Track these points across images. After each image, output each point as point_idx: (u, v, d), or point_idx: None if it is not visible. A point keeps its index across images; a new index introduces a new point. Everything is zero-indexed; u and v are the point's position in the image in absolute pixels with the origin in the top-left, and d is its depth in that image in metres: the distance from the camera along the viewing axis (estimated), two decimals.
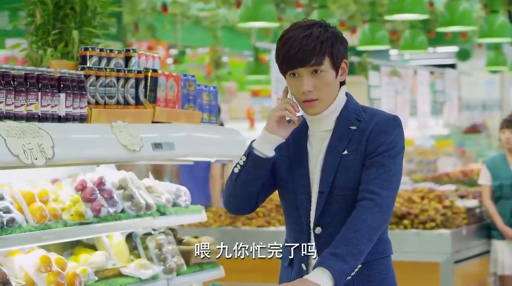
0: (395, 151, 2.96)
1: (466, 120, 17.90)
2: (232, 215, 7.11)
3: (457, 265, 6.63)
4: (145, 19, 11.27)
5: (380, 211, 2.89)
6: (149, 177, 4.65)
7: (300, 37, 2.93)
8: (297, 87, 2.97)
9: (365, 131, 2.98)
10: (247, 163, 3.01)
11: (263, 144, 3.00)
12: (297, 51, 2.92)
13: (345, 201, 2.96)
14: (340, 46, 2.97)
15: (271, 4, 7.16)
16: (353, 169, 2.96)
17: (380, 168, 2.93)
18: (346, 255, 2.82)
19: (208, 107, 4.61)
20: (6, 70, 3.47)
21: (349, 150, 2.98)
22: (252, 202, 3.10)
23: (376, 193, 2.90)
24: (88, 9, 4.37)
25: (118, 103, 4.01)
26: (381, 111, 3.07)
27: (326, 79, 2.96)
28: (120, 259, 4.28)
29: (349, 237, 2.85)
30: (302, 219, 3.02)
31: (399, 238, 6.52)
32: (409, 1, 7.19)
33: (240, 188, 3.04)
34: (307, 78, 2.95)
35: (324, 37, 2.93)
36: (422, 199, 7.24)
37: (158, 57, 4.39)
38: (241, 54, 14.57)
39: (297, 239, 3.04)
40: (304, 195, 3.02)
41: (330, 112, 3.01)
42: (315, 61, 2.92)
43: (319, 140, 3.04)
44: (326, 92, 2.97)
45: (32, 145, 3.42)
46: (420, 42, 9.55)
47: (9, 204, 3.68)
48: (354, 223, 2.88)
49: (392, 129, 2.98)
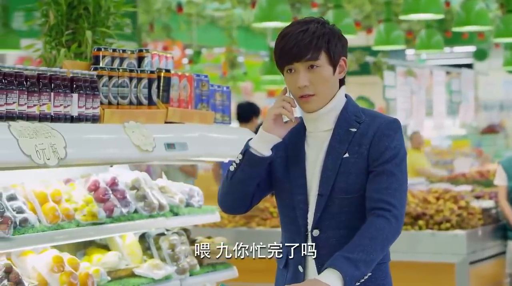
0: (400, 157, 2.95)
1: (484, 120, 17.82)
2: (246, 215, 7.14)
3: (472, 266, 6.58)
4: (160, 19, 11.27)
5: (397, 222, 2.88)
6: (162, 177, 4.65)
7: (297, 32, 2.91)
8: (293, 83, 2.95)
9: (366, 134, 2.95)
10: (243, 161, 2.98)
11: (259, 142, 2.97)
12: (293, 46, 2.90)
13: (345, 204, 2.94)
14: (337, 42, 2.95)
15: (285, 4, 7.14)
16: (354, 172, 2.94)
17: (390, 177, 2.91)
18: (359, 261, 2.80)
19: (221, 108, 4.61)
20: (19, 71, 3.48)
21: (350, 152, 2.95)
22: (247, 202, 3.06)
23: (392, 204, 2.88)
24: (102, 9, 4.37)
25: (131, 103, 4.01)
26: (381, 114, 3.05)
27: (323, 75, 2.93)
28: (133, 260, 4.28)
29: (364, 244, 2.83)
30: (299, 220, 2.98)
31: (414, 239, 6.48)
32: (424, 0, 7.15)
33: (235, 187, 3.01)
34: (303, 73, 2.92)
35: (320, 32, 2.92)
36: (438, 199, 7.20)
37: (171, 57, 4.38)
38: (257, 54, 14.55)
39: (293, 240, 3.00)
40: (301, 196, 2.99)
41: (327, 111, 2.98)
42: (311, 56, 2.90)
43: (317, 141, 3.01)
44: (322, 88, 2.94)
45: (44, 145, 3.42)
46: (436, 42, 9.49)
47: (22, 204, 3.69)
48: (370, 230, 2.85)
49: (394, 132, 2.96)
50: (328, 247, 2.92)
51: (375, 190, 2.90)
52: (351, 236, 2.89)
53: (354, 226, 2.92)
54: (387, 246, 2.90)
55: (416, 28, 11.34)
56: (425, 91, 9.29)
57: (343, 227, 2.93)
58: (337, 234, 2.93)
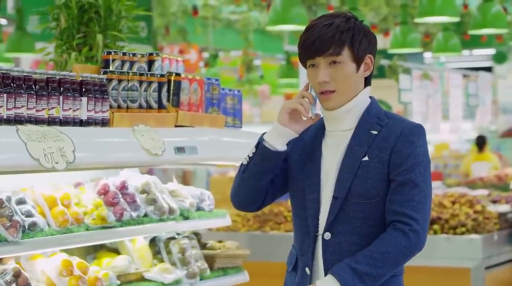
0: (424, 165, 2.85)
1: (503, 124, 17.70)
2: (260, 219, 7.11)
3: (488, 271, 6.53)
4: (176, 23, 11.27)
5: (417, 237, 2.78)
6: (173, 181, 4.63)
7: (321, 26, 2.82)
8: (314, 78, 2.86)
9: (388, 138, 2.85)
10: (256, 154, 2.90)
11: (273, 136, 2.89)
12: (315, 39, 2.81)
13: (360, 210, 2.85)
14: (363, 39, 2.86)
15: (300, 7, 7.10)
16: (372, 177, 2.84)
17: (413, 189, 2.81)
18: (366, 274, 2.75)
19: (232, 111, 4.59)
20: (28, 75, 3.48)
21: (370, 156, 2.85)
22: (259, 198, 2.98)
23: (413, 218, 2.79)
24: (113, 13, 4.36)
25: (140, 107, 4.00)
26: (405, 119, 2.95)
27: (345, 71, 2.84)
28: (143, 263, 4.26)
29: (375, 257, 2.77)
30: (309, 220, 2.90)
31: (429, 243, 6.32)
32: (440, 3, 7.10)
33: (247, 181, 2.93)
34: (324, 68, 2.84)
35: (345, 27, 2.82)
36: (453, 203, 7.14)
37: (181, 61, 4.37)
38: (274, 58, 14.52)
39: (303, 241, 2.93)
40: (312, 195, 2.90)
41: (348, 110, 2.88)
42: (333, 51, 2.81)
43: (336, 141, 2.92)
44: (344, 85, 2.85)
45: (53, 148, 3.42)
46: (453, 45, 9.42)
47: (31, 208, 3.69)
48: (384, 244, 2.78)
49: (418, 138, 2.86)
50: (339, 252, 2.85)
51: (397, 202, 2.81)
52: (363, 244, 2.83)
53: (368, 234, 2.84)
54: (402, 262, 2.81)
55: (434, 31, 11.28)
56: (442, 95, 9.23)
57: (356, 233, 2.85)
58: (349, 240, 2.85)
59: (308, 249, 2.91)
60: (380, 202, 2.85)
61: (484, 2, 7.56)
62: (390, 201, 2.83)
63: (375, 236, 2.83)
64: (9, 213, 3.49)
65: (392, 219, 2.81)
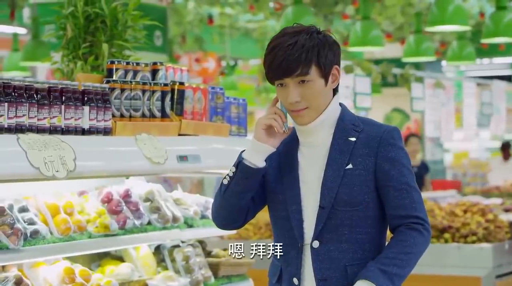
0: (409, 165, 2.92)
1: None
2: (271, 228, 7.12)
3: (499, 280, 6.49)
4: (192, 31, 11.30)
5: (428, 234, 2.88)
6: (178, 189, 4.66)
7: (285, 45, 2.82)
8: (285, 98, 2.88)
9: (369, 144, 2.89)
10: (237, 173, 2.92)
11: (252, 153, 2.91)
12: (282, 61, 2.81)
13: (347, 217, 2.87)
14: (328, 52, 2.86)
15: (311, 16, 7.11)
16: (358, 184, 2.87)
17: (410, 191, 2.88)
18: (395, 275, 2.80)
19: (237, 120, 4.61)
20: (30, 84, 3.52)
21: (354, 164, 2.88)
22: (241, 217, 3.01)
23: (422, 218, 2.87)
24: (119, 22, 4.40)
25: (143, 116, 4.03)
26: (378, 122, 2.99)
27: (314, 88, 2.86)
28: (147, 271, 4.29)
29: (401, 258, 2.83)
30: (295, 231, 2.90)
31: (440, 252, 6.41)
32: (451, 12, 7.09)
33: (229, 200, 2.95)
34: (293, 88, 2.85)
35: (310, 45, 2.82)
36: (465, 212, 7.11)
37: (186, 70, 4.41)
38: None
39: (287, 252, 2.93)
40: (294, 206, 2.91)
41: (320, 122, 2.90)
42: (301, 71, 2.82)
43: (313, 151, 2.93)
44: (315, 101, 2.87)
45: (53, 157, 3.46)
46: (467, 54, 9.39)
47: (33, 216, 3.73)
48: (406, 245, 2.84)
49: (398, 141, 2.92)
50: (328, 260, 2.87)
51: (401, 207, 2.87)
52: (353, 250, 2.87)
53: (357, 240, 2.88)
54: (418, 260, 2.89)
55: (450, 40, 11.25)
56: (455, 103, 9.22)
57: (344, 240, 2.88)
58: (338, 248, 2.87)
59: (295, 259, 2.92)
60: (367, 208, 2.88)
61: (497, 10, 7.53)
62: (393, 207, 2.88)
63: (364, 241, 2.88)
64: (10, 221, 3.53)
65: (401, 222, 2.88)
